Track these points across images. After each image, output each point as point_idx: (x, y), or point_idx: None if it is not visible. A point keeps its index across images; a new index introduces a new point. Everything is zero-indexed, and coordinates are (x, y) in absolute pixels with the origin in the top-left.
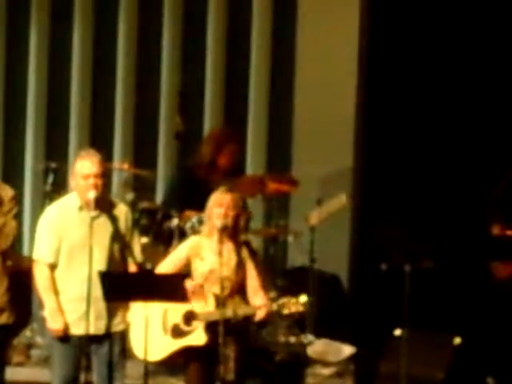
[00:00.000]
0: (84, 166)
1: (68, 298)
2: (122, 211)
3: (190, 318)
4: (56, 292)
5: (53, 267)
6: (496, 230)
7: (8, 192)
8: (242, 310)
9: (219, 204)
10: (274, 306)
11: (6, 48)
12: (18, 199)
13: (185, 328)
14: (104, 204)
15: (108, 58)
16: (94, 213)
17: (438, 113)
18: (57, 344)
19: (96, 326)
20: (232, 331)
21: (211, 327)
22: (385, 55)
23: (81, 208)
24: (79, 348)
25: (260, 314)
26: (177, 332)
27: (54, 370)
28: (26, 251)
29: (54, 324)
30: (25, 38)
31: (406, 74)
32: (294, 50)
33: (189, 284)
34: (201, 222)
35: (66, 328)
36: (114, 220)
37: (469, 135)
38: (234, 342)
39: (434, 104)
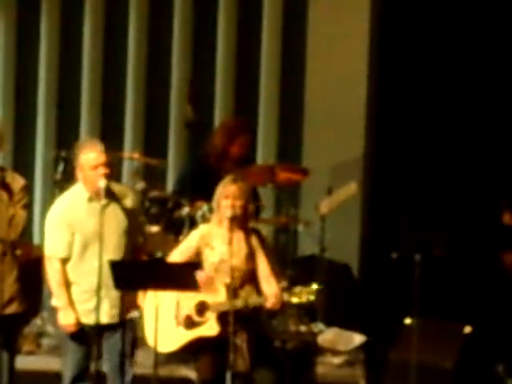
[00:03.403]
0: (90, 157)
1: (83, 289)
2: (126, 194)
3: (202, 308)
4: (68, 286)
5: (65, 261)
6: (507, 219)
7: (18, 182)
8: (253, 300)
9: (225, 195)
10: (285, 296)
11: (17, 37)
12: (28, 189)
13: (197, 319)
14: (111, 192)
15: (119, 47)
16: (104, 202)
17: (449, 103)
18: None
19: (110, 315)
20: (243, 321)
21: (223, 318)
22: (396, 44)
23: (90, 199)
24: (91, 337)
25: (271, 303)
26: (189, 323)
27: (65, 358)
28: (36, 240)
29: (66, 319)
30: (35, 28)
31: (417, 62)
32: (305, 40)
33: (199, 275)
34: (211, 210)
35: (78, 323)
36: (122, 207)
37: (481, 123)
38: (245, 332)
39: (445, 94)
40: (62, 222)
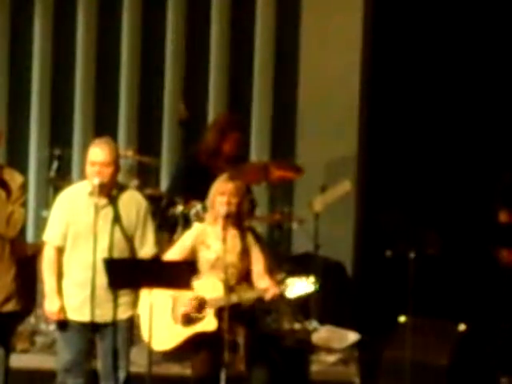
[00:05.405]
0: (93, 153)
1: (73, 282)
2: (134, 201)
3: (199, 305)
4: (59, 275)
5: (61, 250)
6: (503, 217)
7: (17, 179)
8: (249, 294)
9: (221, 192)
10: (282, 287)
11: (11, 35)
12: (25, 186)
13: (195, 315)
14: (112, 194)
15: (112, 45)
16: (101, 200)
17: (443, 100)
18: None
19: (98, 314)
20: (241, 318)
21: (221, 313)
22: (389, 43)
23: (90, 194)
24: (83, 334)
25: (270, 293)
26: (187, 320)
27: (58, 355)
28: (30, 238)
29: (50, 306)
30: (29, 25)
31: (410, 62)
32: (298, 38)
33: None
34: (205, 208)
35: (63, 312)
36: (116, 209)
37: (475, 121)
38: (243, 330)
39: (439, 91)
40: (61, 211)
